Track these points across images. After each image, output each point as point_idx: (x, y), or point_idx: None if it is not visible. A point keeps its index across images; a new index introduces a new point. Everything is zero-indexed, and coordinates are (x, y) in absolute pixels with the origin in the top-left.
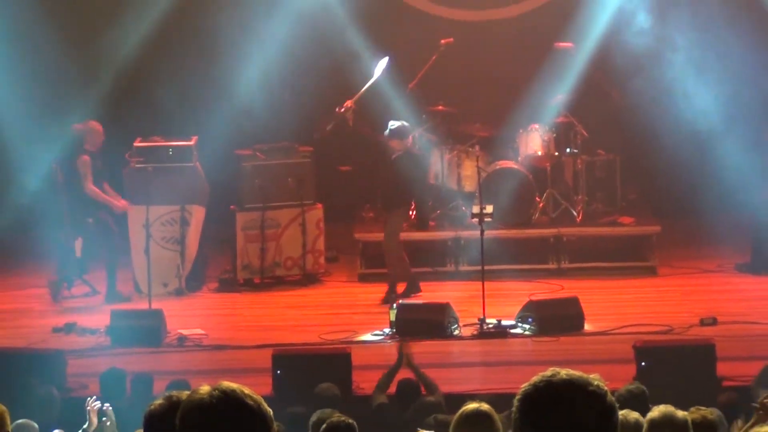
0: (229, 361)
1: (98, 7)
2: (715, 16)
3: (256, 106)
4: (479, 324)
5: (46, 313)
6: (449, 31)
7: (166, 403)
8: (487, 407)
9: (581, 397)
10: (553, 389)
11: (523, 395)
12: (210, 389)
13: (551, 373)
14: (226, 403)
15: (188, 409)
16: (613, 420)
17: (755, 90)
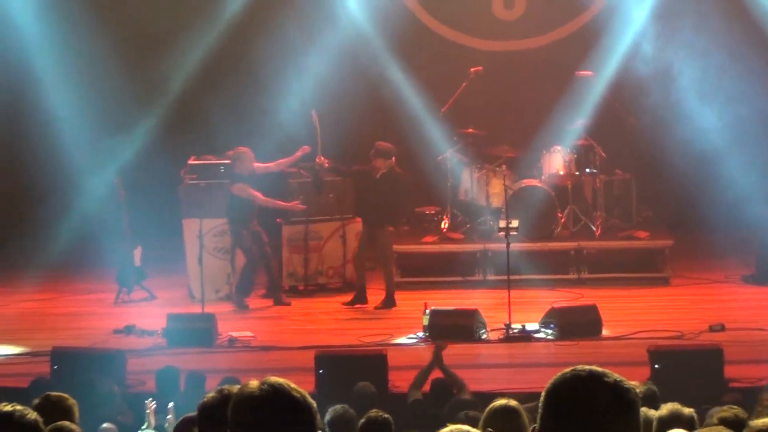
0: (275, 361)
1: (156, 38)
2: (718, 45)
3: (300, 128)
4: (505, 329)
5: (107, 316)
6: (479, 60)
7: (218, 396)
8: (515, 403)
9: (606, 389)
10: (578, 380)
11: (550, 387)
12: (259, 383)
13: (579, 367)
14: (274, 396)
15: (239, 401)
16: (634, 410)
17: (759, 113)
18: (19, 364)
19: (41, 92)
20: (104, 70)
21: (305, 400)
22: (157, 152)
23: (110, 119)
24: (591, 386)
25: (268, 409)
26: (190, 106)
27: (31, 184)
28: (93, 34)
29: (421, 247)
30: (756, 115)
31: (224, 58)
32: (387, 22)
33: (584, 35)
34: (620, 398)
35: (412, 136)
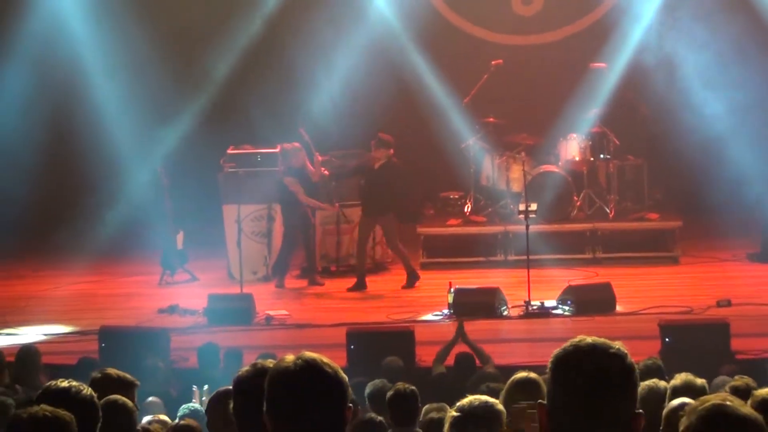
0: (309, 337)
1: (196, 35)
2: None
3: (332, 118)
4: (525, 306)
5: (152, 297)
6: (499, 53)
7: (252, 369)
8: (535, 375)
9: (605, 358)
10: (581, 352)
11: (555, 358)
12: (294, 358)
13: (579, 339)
14: (308, 370)
15: (275, 375)
16: (633, 378)
17: (761, 99)
18: (69, 342)
19: (90, 87)
20: (148, 65)
21: (337, 375)
22: (198, 142)
23: (154, 112)
24: (593, 357)
25: (302, 382)
26: (228, 99)
27: (81, 174)
28: (137, 32)
29: (446, 229)
30: (758, 101)
31: (260, 54)
32: (413, 18)
33: (598, 29)
34: (621, 368)
35: (437, 125)
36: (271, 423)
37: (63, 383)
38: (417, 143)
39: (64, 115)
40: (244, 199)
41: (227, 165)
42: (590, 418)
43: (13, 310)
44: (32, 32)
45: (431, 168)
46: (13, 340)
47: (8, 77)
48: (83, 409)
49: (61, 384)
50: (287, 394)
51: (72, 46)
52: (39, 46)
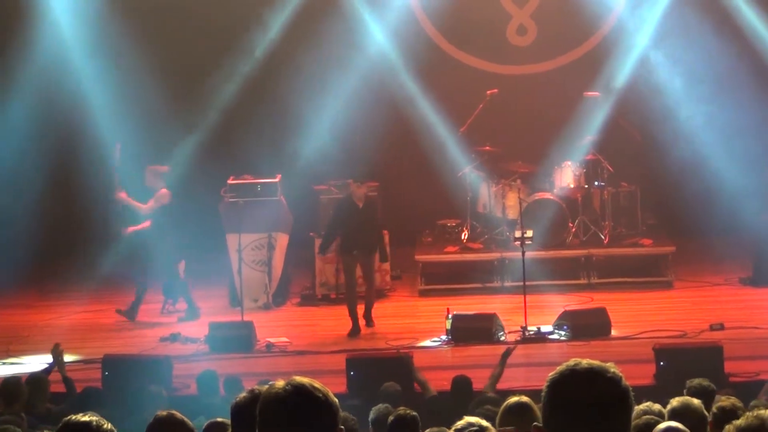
0: (309, 364)
1: (195, 71)
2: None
3: (330, 148)
4: (522, 331)
5: (154, 326)
6: (494, 83)
7: (249, 395)
8: (526, 399)
9: (601, 382)
10: (577, 375)
11: (551, 381)
12: (284, 383)
13: (574, 362)
14: (297, 395)
15: (266, 399)
16: (628, 401)
17: (756, 131)
18: (73, 370)
19: (92, 118)
20: (149, 97)
21: (327, 398)
22: (198, 173)
23: (155, 143)
24: (589, 380)
25: (291, 407)
26: (227, 131)
27: (84, 204)
28: (139, 65)
29: (444, 256)
30: (750, 128)
31: (257, 86)
32: (409, 49)
33: (590, 59)
34: (616, 391)
35: (434, 154)
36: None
37: (84, 417)
38: (414, 172)
39: (68, 146)
40: (244, 229)
41: (227, 195)
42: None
43: (16, 338)
44: (36, 64)
45: (428, 196)
46: (16, 369)
47: (13, 108)
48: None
49: (82, 418)
50: (278, 418)
51: (74, 78)
52: (42, 78)
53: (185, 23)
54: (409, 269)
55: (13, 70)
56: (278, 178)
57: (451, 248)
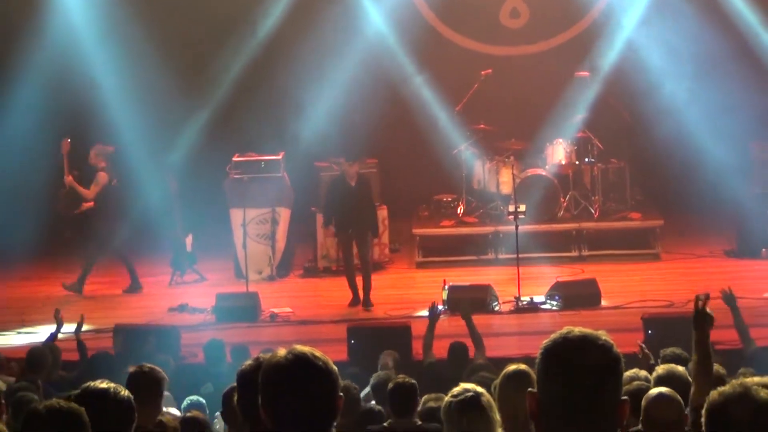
0: (312, 333)
1: (200, 54)
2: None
3: (330, 127)
4: (515, 301)
5: (163, 296)
6: (488, 63)
7: (254, 363)
8: (525, 367)
9: (593, 349)
10: (570, 343)
11: (544, 348)
12: (285, 352)
13: (567, 330)
14: (298, 363)
15: (268, 368)
16: (619, 368)
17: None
18: (86, 340)
19: (102, 100)
20: (156, 79)
21: (327, 366)
22: (204, 151)
23: (163, 123)
24: (581, 348)
25: (292, 374)
26: (232, 110)
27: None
28: (146, 53)
29: (440, 230)
30: (734, 106)
31: (259, 70)
32: (407, 31)
33: (581, 40)
34: (608, 358)
35: (430, 132)
36: (267, 413)
37: (102, 384)
38: (411, 149)
39: (78, 123)
40: (248, 204)
41: (233, 172)
42: (578, 406)
43: (31, 309)
44: (46, 49)
45: (426, 172)
46: (31, 339)
47: (25, 90)
48: (121, 409)
49: (100, 385)
50: (280, 385)
51: (84, 61)
52: (53, 62)
53: (190, 8)
54: (406, 242)
55: (24, 54)
56: (281, 156)
57: (447, 222)
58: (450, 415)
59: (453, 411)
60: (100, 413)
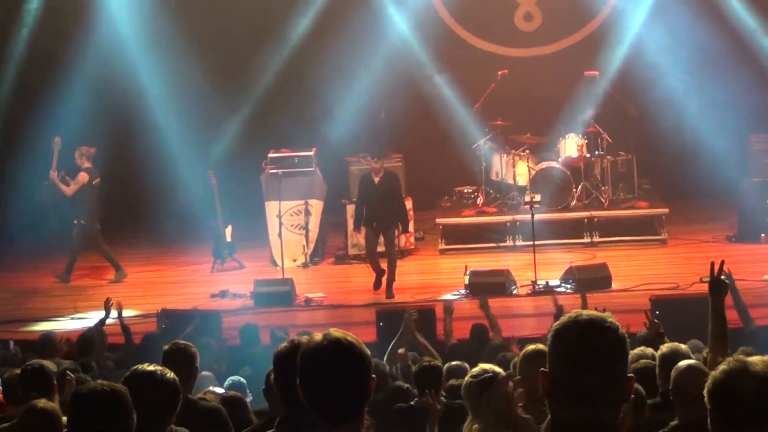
0: (343, 316)
1: (238, 54)
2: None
3: (359, 124)
4: (532, 285)
5: (205, 283)
6: (504, 64)
7: (290, 346)
8: (542, 346)
9: (600, 331)
10: (578, 325)
11: (554, 330)
12: (322, 336)
13: (576, 313)
14: (335, 346)
15: (306, 351)
16: (625, 347)
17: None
18: (133, 324)
19: (146, 99)
20: (197, 80)
21: (361, 350)
22: (242, 148)
23: (203, 122)
24: (589, 330)
25: (330, 358)
26: (267, 109)
27: (141, 177)
28: (187, 57)
29: (461, 219)
30: (734, 100)
31: (292, 71)
32: (428, 35)
33: (590, 42)
34: (614, 339)
35: (451, 128)
36: (304, 394)
37: (149, 367)
38: (434, 144)
39: (126, 122)
40: (283, 197)
41: (268, 167)
42: (587, 384)
43: (82, 297)
44: (94, 52)
45: (447, 166)
46: (83, 324)
47: (75, 91)
48: (167, 390)
49: (148, 368)
50: (317, 368)
51: (129, 63)
52: (100, 66)
53: (228, 15)
54: (430, 231)
55: (73, 58)
56: (313, 151)
57: (468, 212)
58: (471, 394)
59: (473, 390)
60: (148, 394)
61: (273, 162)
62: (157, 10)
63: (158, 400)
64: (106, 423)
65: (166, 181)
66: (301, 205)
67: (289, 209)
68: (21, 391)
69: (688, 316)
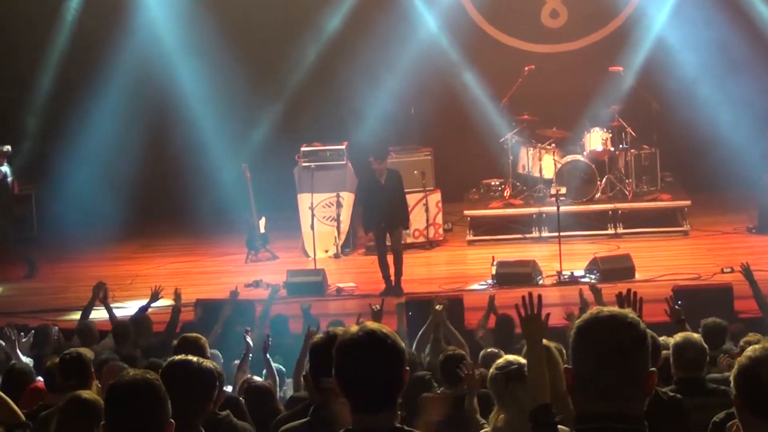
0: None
1: (273, 49)
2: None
3: (390, 118)
4: (557, 275)
5: (239, 273)
6: (531, 60)
7: (325, 337)
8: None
9: (621, 327)
10: (600, 322)
11: (577, 328)
12: (357, 328)
13: (597, 310)
14: (370, 338)
15: (342, 344)
16: (646, 342)
17: (759, 98)
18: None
19: (182, 95)
20: (231, 76)
21: (395, 342)
22: (275, 142)
23: (238, 117)
24: (611, 326)
25: (365, 350)
26: (300, 104)
27: (177, 170)
28: (222, 54)
29: (489, 211)
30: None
31: (325, 67)
32: (457, 32)
33: (615, 38)
34: (635, 334)
35: (479, 123)
36: (340, 385)
37: (187, 356)
38: (463, 138)
39: (163, 117)
40: (316, 189)
41: (301, 160)
42: (610, 379)
43: (120, 286)
44: (132, 47)
45: (475, 159)
46: (121, 313)
47: (114, 87)
48: (204, 378)
49: (186, 357)
50: (352, 359)
51: (166, 60)
52: (138, 60)
53: (261, 13)
54: (459, 222)
55: (112, 55)
56: (345, 145)
57: (496, 204)
58: (496, 385)
59: (498, 381)
60: (186, 383)
61: (306, 155)
62: (194, 7)
63: (196, 388)
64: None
65: (201, 174)
66: (333, 197)
67: (321, 201)
68: (60, 379)
69: (710, 306)
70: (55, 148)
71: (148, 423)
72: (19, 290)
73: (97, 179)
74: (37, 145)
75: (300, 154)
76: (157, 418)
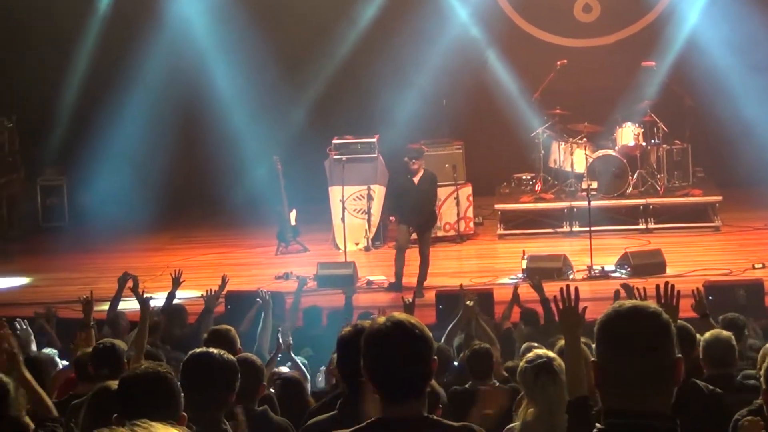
0: None
1: (304, 44)
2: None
3: (421, 111)
4: (588, 270)
5: (270, 265)
6: (563, 54)
7: (353, 329)
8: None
9: (643, 318)
10: (621, 315)
11: (599, 322)
12: (385, 319)
13: (618, 304)
14: (398, 329)
15: (369, 334)
16: (669, 332)
17: None
18: (200, 305)
19: (214, 87)
20: (263, 68)
21: (423, 332)
22: (306, 135)
23: (270, 109)
24: (632, 319)
25: (392, 340)
26: (332, 96)
27: (209, 163)
28: (255, 40)
29: (520, 205)
30: None
31: (357, 61)
32: (489, 26)
33: (648, 32)
34: (657, 325)
35: (511, 117)
36: (369, 376)
37: (211, 349)
38: (494, 132)
39: (194, 109)
40: (347, 182)
41: (332, 152)
42: (635, 370)
43: (151, 278)
44: (164, 39)
45: (506, 153)
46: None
47: (146, 81)
48: (225, 371)
49: (208, 349)
50: (380, 349)
51: (198, 53)
52: (170, 53)
53: (295, 4)
54: (489, 216)
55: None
56: (376, 138)
57: (526, 198)
58: (525, 379)
59: (528, 375)
60: (208, 375)
61: (337, 148)
62: (226, 0)
63: (218, 380)
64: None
65: (233, 166)
66: (364, 190)
67: (352, 194)
68: (93, 369)
69: (740, 301)
70: (86, 140)
71: (159, 415)
72: (51, 280)
73: (129, 171)
74: (68, 136)
75: (331, 146)
76: (168, 410)
